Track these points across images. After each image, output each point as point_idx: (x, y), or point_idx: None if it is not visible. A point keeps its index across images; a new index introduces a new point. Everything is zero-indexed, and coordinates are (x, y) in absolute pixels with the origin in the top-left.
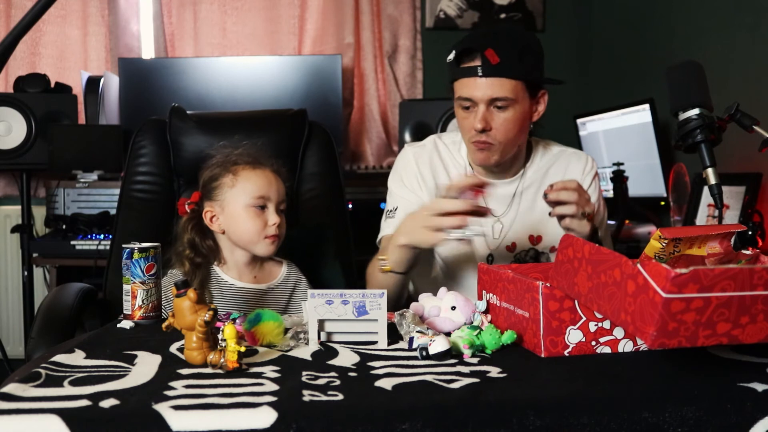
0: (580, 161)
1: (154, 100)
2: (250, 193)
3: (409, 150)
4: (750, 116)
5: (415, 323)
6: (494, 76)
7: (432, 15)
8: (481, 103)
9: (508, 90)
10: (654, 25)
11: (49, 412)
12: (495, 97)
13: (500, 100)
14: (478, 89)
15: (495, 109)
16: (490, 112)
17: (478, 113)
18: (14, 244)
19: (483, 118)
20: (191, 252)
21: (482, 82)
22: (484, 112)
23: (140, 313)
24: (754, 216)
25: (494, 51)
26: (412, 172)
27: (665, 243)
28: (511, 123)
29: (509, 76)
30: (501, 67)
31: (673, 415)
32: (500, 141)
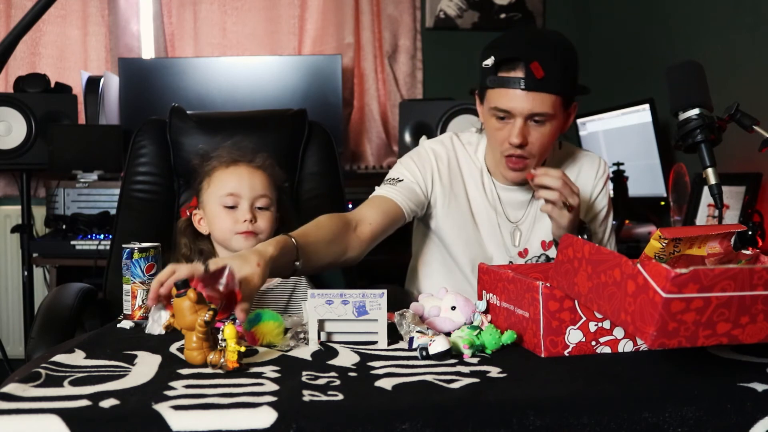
0: (593, 165)
1: (154, 100)
2: (220, 191)
3: (427, 144)
4: (750, 116)
5: (415, 323)
6: (537, 90)
7: (432, 15)
8: (520, 117)
9: (548, 105)
10: (654, 25)
11: (49, 412)
12: (535, 112)
13: (540, 115)
14: (519, 102)
15: (532, 123)
16: (527, 126)
17: (516, 127)
18: (14, 244)
19: (521, 132)
20: (187, 251)
21: (523, 95)
22: (522, 126)
23: (140, 313)
24: (754, 216)
25: (540, 64)
26: (429, 163)
27: (665, 243)
28: (547, 138)
29: (551, 92)
30: (545, 82)
31: (673, 415)
32: (535, 155)
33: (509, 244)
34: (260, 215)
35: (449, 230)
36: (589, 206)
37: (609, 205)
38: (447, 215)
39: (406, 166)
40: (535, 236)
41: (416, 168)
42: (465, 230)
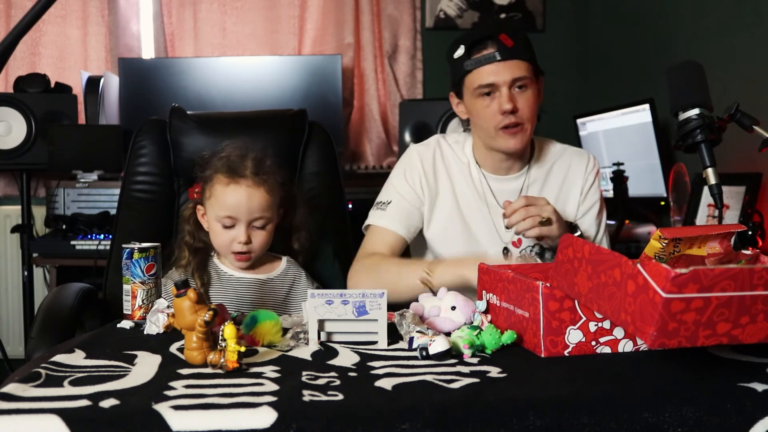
0: (582, 160)
1: (154, 100)
2: (218, 211)
3: (414, 150)
4: (750, 116)
5: (415, 323)
6: (512, 58)
7: (432, 15)
8: (504, 86)
9: (525, 69)
10: (654, 25)
11: (49, 412)
12: (516, 77)
13: (521, 79)
14: (499, 73)
15: (516, 90)
16: (513, 93)
17: (503, 95)
18: (14, 244)
19: (509, 98)
20: (190, 238)
21: (501, 65)
22: (508, 93)
23: (140, 313)
24: (754, 216)
25: (507, 35)
26: (416, 170)
27: (665, 243)
28: (532, 102)
29: (523, 58)
30: (516, 50)
31: (673, 415)
32: (527, 119)
33: (502, 232)
34: (255, 234)
35: (435, 230)
36: (580, 201)
37: (601, 201)
38: (432, 219)
39: (398, 182)
40: None
41: (405, 180)
42: (452, 228)
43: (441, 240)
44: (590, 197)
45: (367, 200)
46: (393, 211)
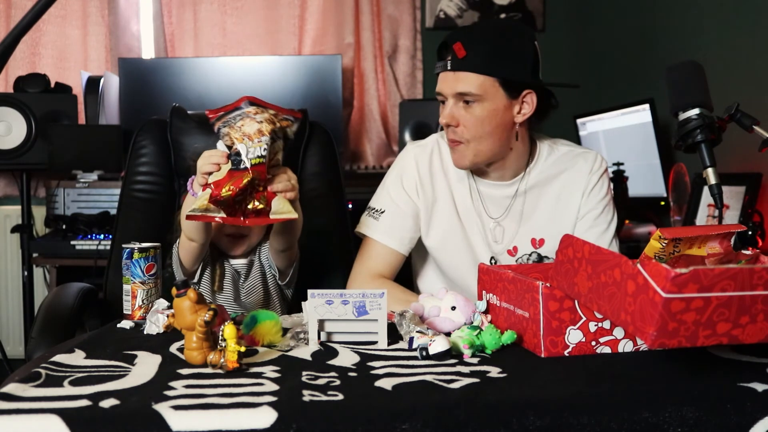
0: (588, 161)
1: (154, 100)
2: None
3: (410, 151)
4: (750, 116)
5: (415, 323)
6: (459, 70)
7: (432, 15)
8: (450, 97)
9: (473, 85)
10: (654, 25)
11: (49, 412)
12: (459, 91)
13: (466, 95)
14: (445, 83)
15: (463, 104)
16: (458, 107)
17: (446, 107)
18: (14, 244)
19: (449, 113)
20: None
21: (449, 75)
22: (452, 107)
23: (140, 313)
24: (754, 216)
25: (462, 45)
26: (412, 176)
27: (665, 243)
28: (479, 120)
29: (475, 71)
30: (466, 62)
31: (673, 415)
32: (468, 139)
33: (490, 240)
34: None
35: (436, 239)
36: (581, 203)
37: (606, 203)
38: (431, 225)
39: (393, 189)
40: (523, 233)
41: (401, 186)
42: (452, 236)
43: (441, 248)
44: (592, 198)
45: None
46: (387, 222)
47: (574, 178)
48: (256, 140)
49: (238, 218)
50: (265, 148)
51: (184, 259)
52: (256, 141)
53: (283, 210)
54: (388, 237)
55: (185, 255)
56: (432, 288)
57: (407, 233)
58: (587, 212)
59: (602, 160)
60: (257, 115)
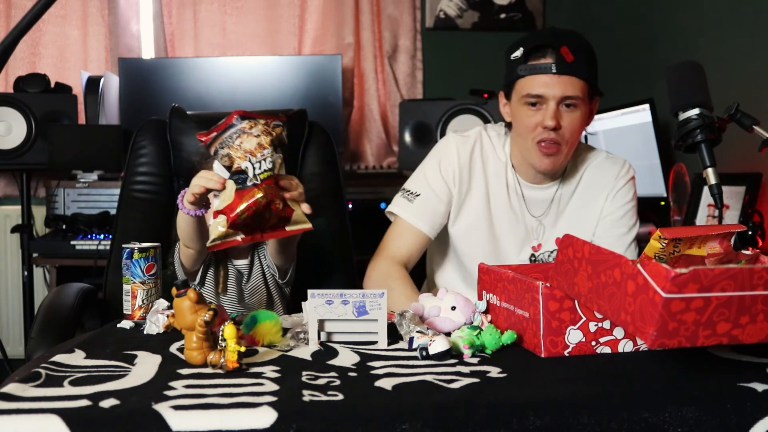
0: (615, 166)
1: (154, 100)
2: None
3: (453, 140)
4: (750, 116)
5: (415, 323)
6: (568, 74)
7: (432, 15)
8: (552, 100)
9: (578, 89)
10: (654, 25)
11: (49, 412)
12: (567, 95)
13: (571, 98)
14: (551, 86)
15: (564, 108)
16: (559, 110)
17: (549, 110)
18: (14, 244)
19: (554, 115)
20: None
21: (555, 78)
22: (555, 109)
23: (140, 313)
24: (754, 216)
25: (569, 49)
26: (452, 163)
27: (665, 243)
28: (577, 123)
29: (580, 76)
30: (575, 66)
31: (673, 415)
32: (567, 140)
33: (528, 239)
34: None
35: (461, 227)
36: (603, 207)
37: (629, 210)
38: (460, 215)
39: (431, 174)
40: (554, 232)
41: (439, 172)
42: (477, 228)
43: (464, 238)
44: (615, 201)
45: (367, 200)
46: (421, 206)
47: (601, 181)
48: (259, 155)
49: (256, 235)
50: (271, 160)
51: (184, 261)
52: (259, 156)
53: (299, 220)
54: (419, 220)
55: (185, 258)
56: (447, 282)
57: (438, 218)
58: (609, 214)
59: (630, 168)
60: (252, 129)
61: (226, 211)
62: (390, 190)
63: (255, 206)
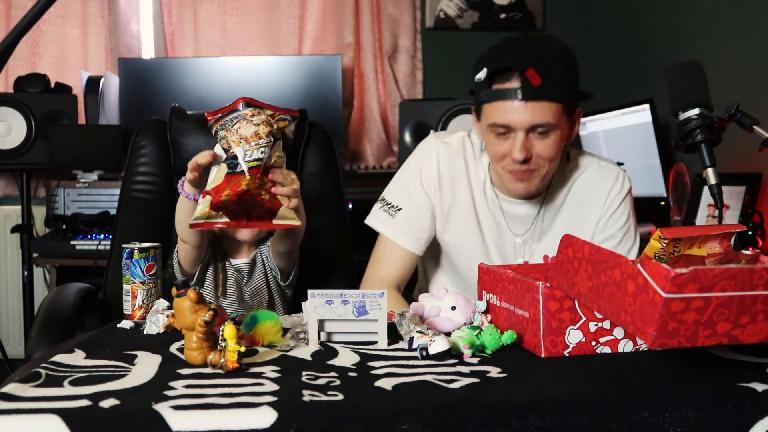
0: (609, 178)
1: (154, 100)
2: None
3: (433, 145)
4: (750, 116)
5: (415, 323)
6: (536, 99)
7: (432, 15)
8: (521, 130)
9: (550, 114)
10: (654, 25)
11: (49, 412)
12: (537, 123)
13: (542, 126)
14: (518, 115)
15: (535, 135)
16: (529, 139)
17: (517, 141)
18: (14, 244)
19: (523, 146)
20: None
21: (521, 106)
22: (524, 139)
23: (140, 313)
24: (754, 216)
25: (536, 71)
26: (433, 172)
27: (665, 243)
28: (552, 149)
29: (551, 99)
30: (543, 90)
31: (673, 415)
32: (543, 165)
33: (518, 255)
34: None
35: (452, 239)
36: (597, 229)
37: (629, 230)
38: (449, 225)
39: (412, 186)
40: (540, 250)
41: (420, 185)
42: (469, 238)
43: (457, 248)
44: (611, 225)
45: (367, 200)
46: (403, 221)
47: (592, 195)
48: (253, 143)
49: (241, 222)
50: (263, 151)
51: (182, 260)
52: (253, 144)
53: (287, 216)
54: (404, 237)
55: (182, 257)
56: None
57: (424, 234)
58: (607, 239)
59: (624, 180)
60: (254, 117)
61: (212, 192)
62: None
63: (239, 193)
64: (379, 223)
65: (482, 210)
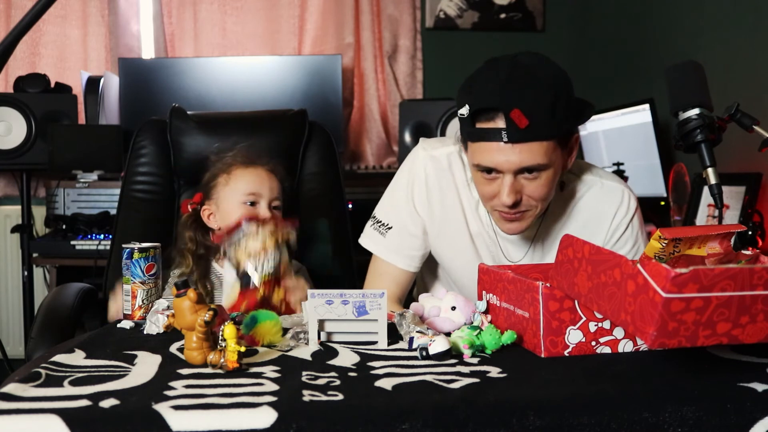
0: (614, 202)
1: (154, 100)
2: (241, 190)
3: (422, 160)
4: (750, 116)
5: (415, 323)
6: (524, 141)
7: (432, 15)
8: (508, 173)
9: (540, 155)
10: (654, 25)
11: (49, 412)
12: (525, 166)
13: (532, 168)
14: (504, 157)
15: (525, 176)
16: (518, 180)
17: (505, 185)
18: (14, 244)
19: (512, 190)
20: (193, 245)
21: (508, 148)
22: (513, 182)
23: (140, 313)
24: (754, 216)
25: (522, 111)
26: (421, 188)
27: (665, 243)
28: (544, 189)
29: (541, 139)
30: (531, 131)
31: (673, 415)
32: (534, 206)
33: None
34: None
35: (447, 255)
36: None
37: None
38: (442, 241)
39: (403, 203)
40: None
41: (411, 201)
42: (463, 254)
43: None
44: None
45: (366, 200)
46: (395, 240)
47: (596, 219)
48: (262, 256)
49: None
50: (272, 264)
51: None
52: (262, 257)
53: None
54: (396, 256)
55: None
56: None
57: (417, 252)
58: None
59: (630, 200)
60: (259, 232)
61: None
62: None
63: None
64: (371, 242)
65: (475, 228)
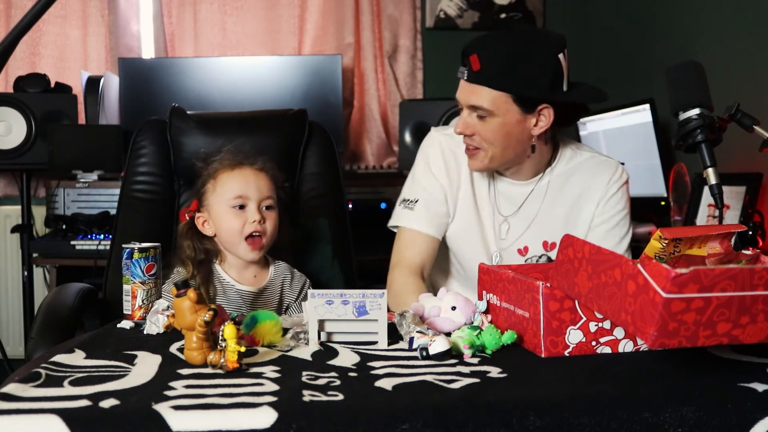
0: (608, 170)
1: (154, 100)
2: (228, 194)
3: (435, 137)
4: (750, 116)
5: (415, 323)
6: (473, 82)
7: (432, 15)
8: (464, 107)
9: (485, 100)
10: (654, 25)
11: (49, 412)
12: (471, 104)
13: (478, 108)
14: (460, 93)
15: (475, 115)
16: (472, 118)
17: (461, 117)
18: (14, 244)
19: (463, 122)
20: (192, 252)
21: (464, 86)
22: (466, 117)
23: (140, 313)
24: (755, 216)
25: (478, 57)
26: (438, 159)
27: (665, 243)
28: (491, 133)
29: (489, 85)
30: (480, 76)
31: (673, 415)
32: (486, 148)
33: (495, 236)
34: (267, 216)
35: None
36: (596, 213)
37: (624, 216)
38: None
39: (422, 175)
40: (534, 235)
41: (429, 170)
42: (470, 226)
43: (459, 240)
44: (608, 209)
45: (367, 200)
46: (422, 211)
47: (592, 185)
48: None
49: None
50: None
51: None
52: None
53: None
54: (425, 225)
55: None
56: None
57: (443, 218)
58: (601, 223)
59: (623, 172)
60: None
61: None
62: (390, 190)
63: None
64: (401, 219)
65: (482, 195)
